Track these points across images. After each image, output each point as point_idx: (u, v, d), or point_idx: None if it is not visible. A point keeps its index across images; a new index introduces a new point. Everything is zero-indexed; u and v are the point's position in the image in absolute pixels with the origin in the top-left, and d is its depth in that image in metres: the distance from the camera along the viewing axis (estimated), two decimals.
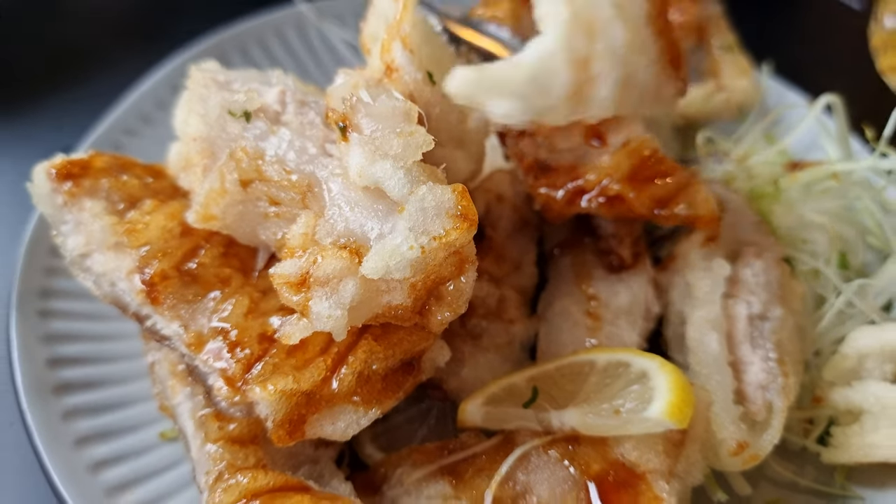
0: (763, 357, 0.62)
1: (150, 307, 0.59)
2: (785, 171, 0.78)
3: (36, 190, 0.64)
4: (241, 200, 0.58)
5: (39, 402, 0.64)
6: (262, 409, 0.54)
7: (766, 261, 0.67)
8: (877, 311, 0.70)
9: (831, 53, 1.20)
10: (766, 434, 0.59)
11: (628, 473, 0.56)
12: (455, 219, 0.51)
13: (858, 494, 0.64)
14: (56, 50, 1.16)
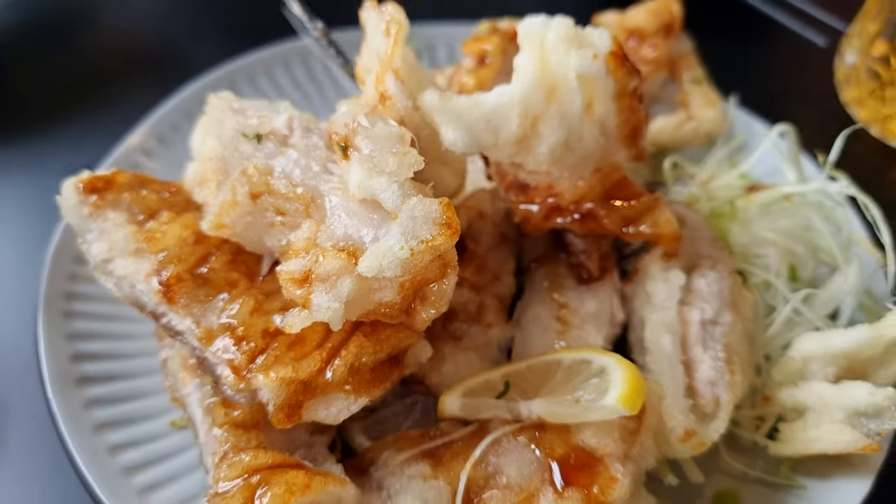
0: (713, 357, 0.69)
1: (165, 306, 0.66)
2: (742, 193, 0.86)
3: (64, 202, 0.72)
4: (250, 211, 0.65)
5: (63, 392, 0.71)
6: (265, 394, 0.61)
7: (720, 272, 0.75)
8: (822, 318, 0.77)
9: (800, 87, 1.27)
10: (713, 424, 0.65)
11: (588, 457, 0.62)
12: (441, 226, 0.59)
13: (801, 484, 0.70)
14: (76, 79, 1.23)
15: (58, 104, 1.17)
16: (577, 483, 0.61)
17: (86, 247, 0.70)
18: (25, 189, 1.01)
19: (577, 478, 0.61)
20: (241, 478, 0.60)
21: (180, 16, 1.39)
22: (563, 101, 0.70)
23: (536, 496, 0.61)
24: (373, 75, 0.75)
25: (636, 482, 0.62)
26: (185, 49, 1.30)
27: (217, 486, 0.60)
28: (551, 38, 0.70)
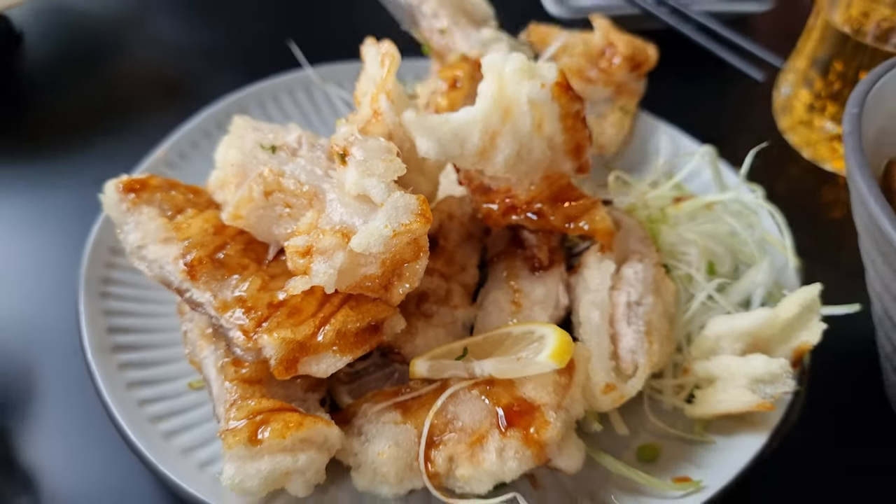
0: (635, 331, 0.83)
1: (189, 283, 0.80)
2: (672, 202, 1.01)
3: (106, 199, 0.87)
4: (262, 206, 0.81)
5: (101, 357, 0.85)
6: (268, 350, 0.75)
7: (646, 264, 0.89)
8: (733, 305, 0.92)
9: (742, 116, 1.43)
10: (630, 382, 0.79)
11: (528, 406, 0.76)
12: (417, 216, 0.74)
13: (712, 439, 0.84)
14: (107, 102, 1.38)
15: (91, 123, 1.32)
16: (518, 425, 0.74)
17: (123, 236, 0.85)
18: (66, 195, 1.16)
19: (518, 422, 0.75)
20: (247, 418, 0.74)
21: (198, 49, 1.55)
22: (517, 121, 0.86)
23: (486, 436, 0.75)
24: (368, 96, 0.91)
25: (567, 427, 0.76)
26: (203, 78, 1.46)
27: (228, 425, 0.74)
28: (508, 69, 0.86)
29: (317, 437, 0.74)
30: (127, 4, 1.65)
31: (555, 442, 0.75)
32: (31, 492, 0.83)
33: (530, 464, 0.74)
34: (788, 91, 1.31)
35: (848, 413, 0.95)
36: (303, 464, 0.72)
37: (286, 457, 0.71)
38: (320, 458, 0.73)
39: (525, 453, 0.74)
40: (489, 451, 0.74)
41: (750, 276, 0.94)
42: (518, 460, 0.74)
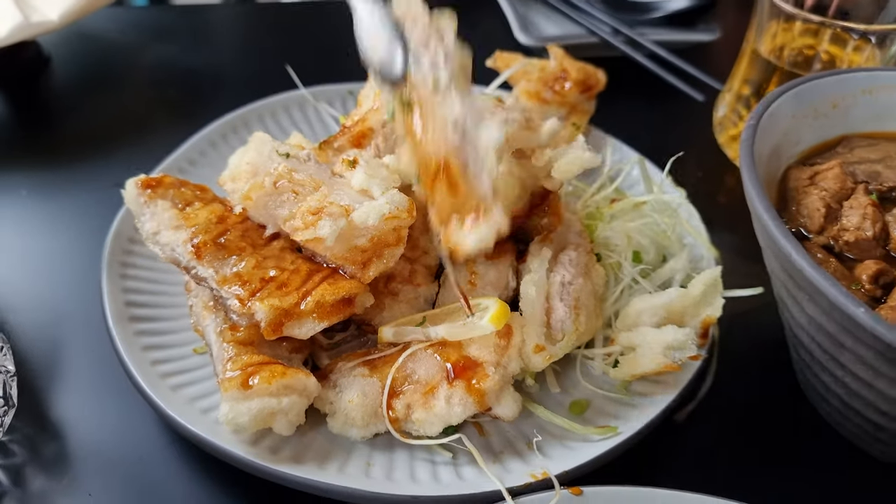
0: (566, 305, 0.99)
1: (196, 261, 0.96)
2: (609, 203, 1.18)
3: (127, 194, 1.02)
4: (270, 193, 0.96)
5: (120, 326, 0.99)
6: (259, 315, 0.91)
7: (580, 252, 1.05)
8: (653, 287, 1.08)
9: (685, 131, 1.61)
10: (558, 345, 0.95)
11: (472, 362, 0.91)
12: (405, 210, 0.91)
13: (631, 397, 1.00)
14: (124, 116, 1.55)
15: (110, 136, 1.48)
16: (462, 377, 0.90)
17: (140, 224, 1.02)
18: (89, 195, 1.31)
19: (463, 374, 0.90)
20: (240, 369, 0.91)
21: (205, 72, 1.73)
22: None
23: (437, 387, 0.91)
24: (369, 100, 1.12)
25: (504, 380, 0.91)
26: (208, 97, 1.62)
27: (225, 374, 0.90)
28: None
29: (297, 384, 0.89)
30: (142, 32, 1.84)
31: (493, 391, 0.90)
32: (60, 440, 0.98)
33: (472, 409, 0.90)
34: (724, 110, 1.49)
35: (755, 382, 1.11)
36: (286, 405, 0.87)
37: (272, 399, 0.86)
38: (300, 402, 0.89)
39: (468, 400, 0.90)
40: (439, 399, 0.90)
41: (670, 264, 1.10)
42: (462, 406, 0.89)
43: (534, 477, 0.87)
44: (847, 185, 1.02)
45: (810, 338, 0.91)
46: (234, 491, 0.93)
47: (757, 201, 0.88)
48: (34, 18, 1.43)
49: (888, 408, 0.87)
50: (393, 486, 0.86)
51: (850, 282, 0.93)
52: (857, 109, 1.13)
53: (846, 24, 1.27)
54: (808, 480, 0.99)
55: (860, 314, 0.76)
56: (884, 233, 0.97)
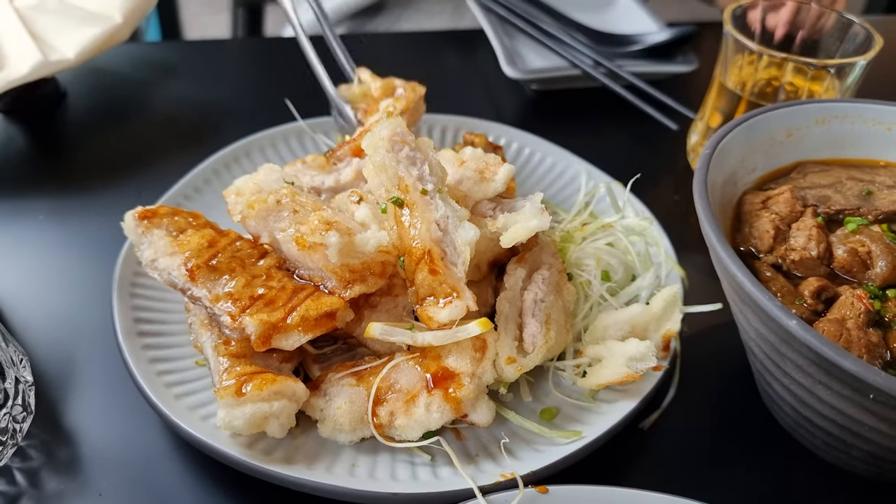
0: (538, 321, 1.07)
1: (190, 283, 1.02)
2: (581, 225, 1.27)
3: (126, 225, 1.09)
4: (271, 208, 1.06)
5: (129, 340, 1.07)
6: (249, 329, 0.97)
7: (552, 271, 1.14)
8: (620, 304, 1.17)
9: (659, 157, 1.70)
10: (529, 357, 1.02)
11: (449, 372, 0.98)
12: (395, 250, 1.02)
13: (598, 404, 1.08)
14: (135, 147, 1.64)
15: (122, 165, 1.58)
16: (440, 386, 0.97)
17: (139, 253, 1.08)
18: (102, 221, 1.39)
19: (441, 384, 0.97)
20: (234, 379, 0.99)
21: (213, 102, 1.83)
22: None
23: (417, 395, 0.98)
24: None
25: (479, 389, 0.99)
26: (214, 128, 1.72)
27: (221, 384, 0.99)
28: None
29: (286, 390, 0.97)
30: (154, 67, 1.95)
31: (468, 399, 0.99)
32: (73, 444, 1.07)
33: (450, 415, 0.98)
34: (697, 137, 1.58)
35: (718, 392, 1.19)
36: (276, 409, 0.95)
37: (264, 404, 0.94)
38: (290, 406, 0.97)
39: (445, 407, 0.98)
40: (419, 406, 0.98)
41: (637, 283, 1.19)
42: (440, 412, 0.98)
43: (503, 476, 0.95)
44: (797, 209, 1.11)
45: (759, 349, 1.00)
46: (232, 491, 1.02)
47: (706, 223, 0.97)
48: (52, 57, 1.55)
49: (830, 413, 0.94)
50: (375, 484, 0.95)
51: (795, 297, 1.02)
52: (810, 138, 1.23)
53: (805, 59, 1.37)
54: (763, 481, 1.07)
55: (792, 326, 0.85)
56: (828, 252, 1.05)
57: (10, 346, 1.05)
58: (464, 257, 0.99)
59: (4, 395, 1.01)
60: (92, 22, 1.58)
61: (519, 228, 1.03)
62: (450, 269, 1.00)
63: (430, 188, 1.03)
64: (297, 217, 1.05)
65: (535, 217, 1.04)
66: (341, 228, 1.01)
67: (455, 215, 1.02)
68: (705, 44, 2.03)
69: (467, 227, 1.00)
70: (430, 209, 1.02)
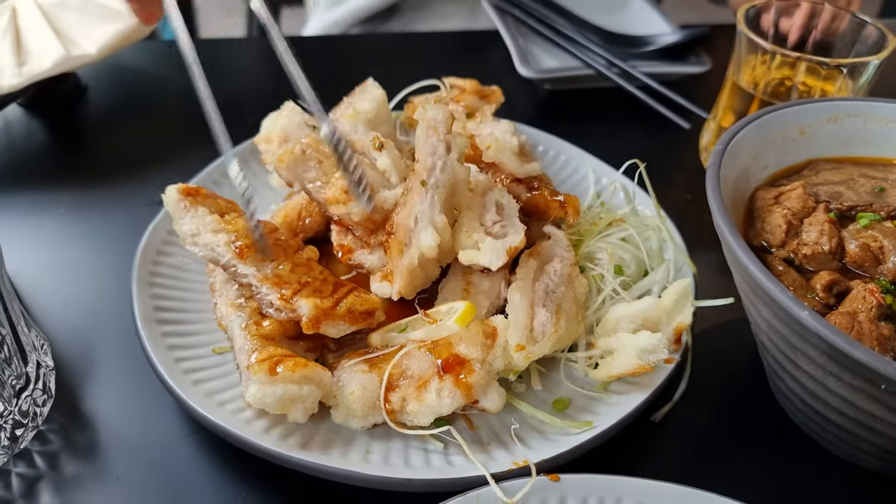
0: (548, 311, 1.09)
1: (237, 260, 1.05)
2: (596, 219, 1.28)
3: (168, 199, 1.11)
4: (299, 159, 1.13)
5: (148, 327, 1.09)
6: (303, 310, 1.01)
7: (563, 263, 1.15)
8: (633, 297, 1.18)
9: (672, 156, 1.71)
10: (538, 345, 1.04)
11: (460, 359, 0.98)
12: None
13: (610, 396, 1.09)
14: (153, 142, 1.67)
15: (141, 159, 1.60)
16: (451, 372, 0.98)
17: (178, 227, 1.11)
18: (122, 213, 1.43)
19: (452, 370, 0.98)
20: (267, 358, 0.99)
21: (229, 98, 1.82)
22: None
23: (429, 381, 0.99)
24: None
25: (489, 375, 0.99)
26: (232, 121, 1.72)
27: (252, 360, 0.99)
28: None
29: (315, 376, 0.99)
30: (172, 64, 1.98)
31: (479, 385, 1.00)
32: (92, 429, 1.09)
33: (461, 401, 0.99)
34: (709, 137, 1.59)
35: (729, 385, 1.20)
36: (305, 393, 0.97)
37: (294, 386, 0.96)
38: (317, 392, 0.99)
39: (456, 393, 0.99)
40: (430, 392, 1.00)
41: (649, 277, 1.20)
42: (451, 398, 0.99)
43: (516, 464, 0.97)
44: (809, 205, 1.12)
45: (770, 341, 1.00)
46: (247, 476, 1.03)
47: (719, 216, 0.98)
48: (74, 52, 1.58)
49: (841, 406, 0.95)
50: (389, 469, 0.96)
51: (806, 291, 1.02)
52: (823, 136, 1.23)
53: (818, 58, 1.37)
54: (773, 475, 1.07)
55: (804, 316, 0.86)
56: (840, 247, 1.06)
57: (32, 331, 1.07)
58: (414, 255, 1.06)
59: (26, 378, 1.03)
60: (113, 18, 1.61)
61: (471, 255, 1.10)
62: (399, 256, 1.09)
63: (431, 182, 1.07)
64: (323, 168, 1.14)
65: (489, 255, 1.09)
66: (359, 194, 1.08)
67: (429, 218, 1.06)
68: (717, 45, 2.03)
69: (430, 234, 1.05)
70: (418, 201, 1.07)
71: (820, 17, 1.53)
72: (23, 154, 1.63)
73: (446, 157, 1.09)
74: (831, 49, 1.54)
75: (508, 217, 1.16)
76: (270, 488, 1.02)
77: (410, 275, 1.09)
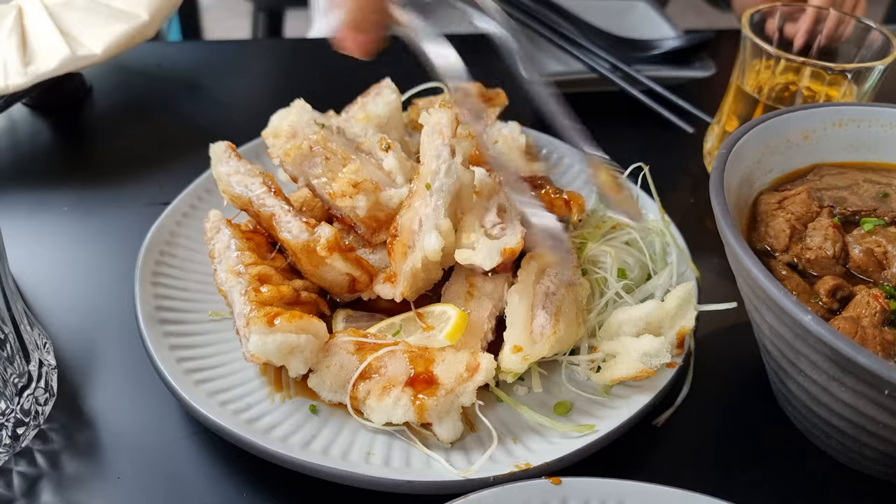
0: (547, 312, 1.08)
1: (271, 196, 1.13)
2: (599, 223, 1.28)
3: (215, 151, 1.20)
4: (305, 154, 1.15)
5: (150, 327, 1.09)
6: (323, 232, 1.08)
7: (565, 266, 1.16)
8: (635, 301, 1.17)
9: (677, 159, 1.71)
10: (535, 347, 1.03)
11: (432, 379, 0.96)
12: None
13: (612, 399, 1.09)
14: (156, 143, 1.67)
15: (144, 160, 1.61)
16: (414, 388, 0.98)
17: (216, 169, 1.18)
18: (125, 212, 1.44)
19: (417, 386, 0.98)
20: (265, 314, 1.00)
21: (233, 100, 1.87)
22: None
23: (394, 386, 0.98)
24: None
25: (450, 406, 0.98)
26: (236, 123, 1.76)
27: (251, 315, 1.00)
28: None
29: (311, 327, 1.01)
30: (177, 65, 1.99)
31: (434, 411, 0.98)
32: (93, 428, 1.09)
33: (413, 418, 0.98)
34: (713, 141, 1.59)
35: (732, 390, 1.19)
36: (303, 342, 0.99)
37: (292, 335, 0.98)
38: (314, 342, 1.01)
39: (409, 409, 0.98)
40: (390, 397, 0.99)
41: (652, 281, 1.20)
42: (404, 411, 0.98)
43: (517, 467, 0.96)
44: (812, 209, 1.12)
45: (774, 346, 1.00)
46: (248, 476, 1.03)
47: (722, 220, 0.98)
48: (80, 52, 1.58)
49: (844, 411, 0.95)
50: (390, 471, 0.96)
51: (810, 295, 1.02)
52: (827, 141, 1.23)
53: (823, 63, 1.37)
54: (776, 481, 1.07)
55: (807, 321, 0.85)
56: (843, 252, 1.06)
57: (34, 329, 1.07)
58: (415, 261, 1.07)
59: (28, 377, 1.03)
60: (119, 18, 1.61)
61: (466, 254, 1.09)
62: (403, 259, 1.09)
63: (436, 186, 1.08)
64: (329, 164, 1.15)
65: (483, 255, 1.08)
66: (368, 188, 1.10)
67: (433, 222, 1.07)
68: (722, 51, 2.03)
69: (434, 238, 1.05)
70: (422, 204, 1.08)
71: (825, 22, 1.53)
72: (28, 153, 1.64)
73: (451, 161, 1.10)
74: (836, 54, 1.54)
75: (509, 220, 1.15)
76: (271, 489, 1.02)
77: (414, 277, 1.09)
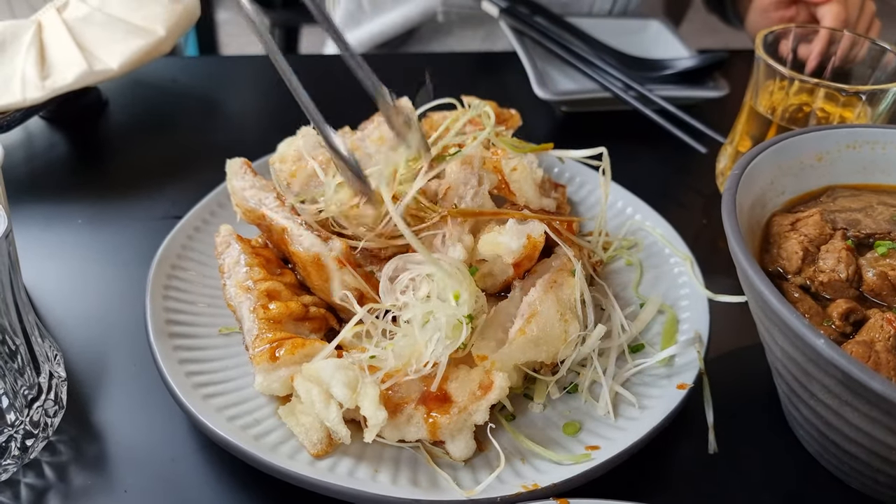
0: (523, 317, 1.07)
1: (284, 210, 1.17)
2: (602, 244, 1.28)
3: (231, 166, 1.25)
4: (310, 176, 1.20)
5: (160, 341, 1.09)
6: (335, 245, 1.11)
7: (551, 272, 1.13)
8: None
9: (689, 179, 1.71)
10: (501, 351, 1.00)
11: (445, 397, 0.97)
12: None
13: (620, 420, 1.08)
14: (170, 157, 1.69)
15: (158, 174, 1.62)
16: (427, 406, 0.98)
17: (231, 183, 1.23)
18: (138, 225, 1.45)
19: (430, 404, 0.98)
20: (266, 345, 1.01)
21: (248, 115, 1.89)
22: None
23: (407, 404, 0.99)
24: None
25: (464, 424, 0.98)
26: (251, 138, 1.78)
27: (254, 351, 1.01)
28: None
29: (314, 352, 1.03)
30: (192, 80, 2.01)
31: (447, 429, 0.97)
32: (101, 441, 1.09)
33: (425, 436, 0.98)
34: (726, 162, 1.58)
35: (743, 415, 1.18)
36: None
37: (296, 367, 1.00)
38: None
39: (422, 427, 0.98)
40: (403, 414, 0.99)
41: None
42: (417, 428, 0.98)
43: (525, 487, 0.95)
44: (826, 232, 1.11)
45: (786, 369, 0.99)
46: (255, 492, 1.03)
47: (734, 242, 0.98)
48: (97, 67, 1.60)
49: (857, 436, 0.93)
50: (397, 489, 0.95)
51: (823, 319, 1.01)
52: (841, 162, 1.22)
53: (837, 85, 1.37)
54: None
55: (820, 344, 0.84)
56: (857, 275, 1.05)
57: (45, 341, 1.07)
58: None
59: (38, 388, 1.03)
60: (136, 34, 1.63)
61: (491, 237, 1.08)
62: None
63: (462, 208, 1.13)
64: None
65: (509, 236, 1.08)
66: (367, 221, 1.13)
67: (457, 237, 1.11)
68: (735, 70, 2.03)
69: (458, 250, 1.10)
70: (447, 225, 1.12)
71: (839, 43, 1.52)
72: (43, 166, 1.65)
73: (478, 189, 1.13)
74: (850, 76, 1.53)
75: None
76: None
77: None
